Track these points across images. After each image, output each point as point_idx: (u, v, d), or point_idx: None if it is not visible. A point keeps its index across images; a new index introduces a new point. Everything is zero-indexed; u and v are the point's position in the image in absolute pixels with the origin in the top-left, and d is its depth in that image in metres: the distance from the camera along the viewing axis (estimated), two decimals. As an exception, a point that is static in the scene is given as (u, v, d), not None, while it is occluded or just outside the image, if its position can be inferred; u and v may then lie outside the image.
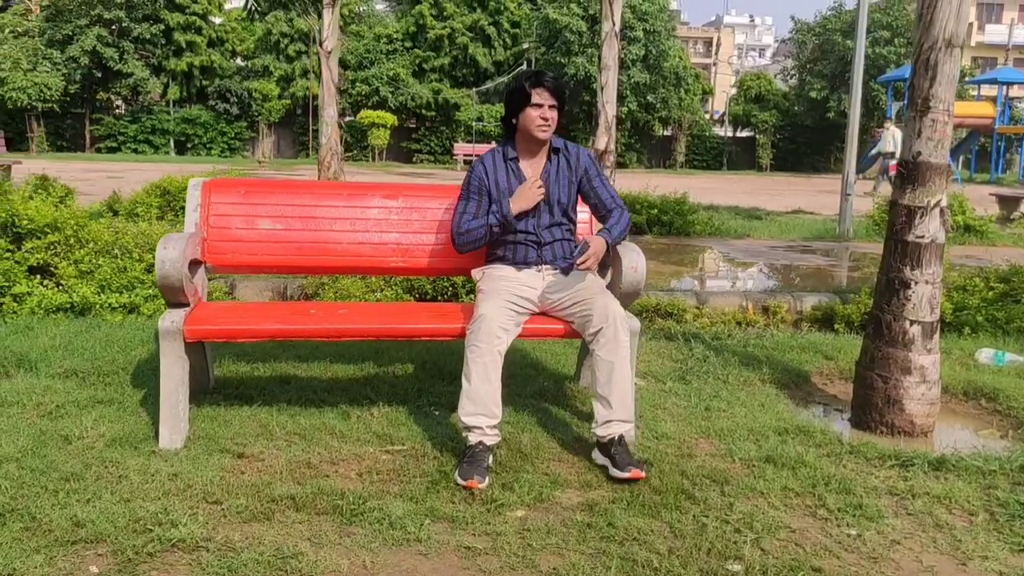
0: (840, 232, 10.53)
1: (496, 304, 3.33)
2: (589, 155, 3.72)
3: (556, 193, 3.61)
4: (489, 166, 3.58)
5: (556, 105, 3.51)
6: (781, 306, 6.22)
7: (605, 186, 3.68)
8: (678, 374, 4.59)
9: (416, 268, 3.89)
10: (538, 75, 3.52)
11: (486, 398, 3.25)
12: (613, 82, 11.47)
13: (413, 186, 4.01)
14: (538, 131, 3.50)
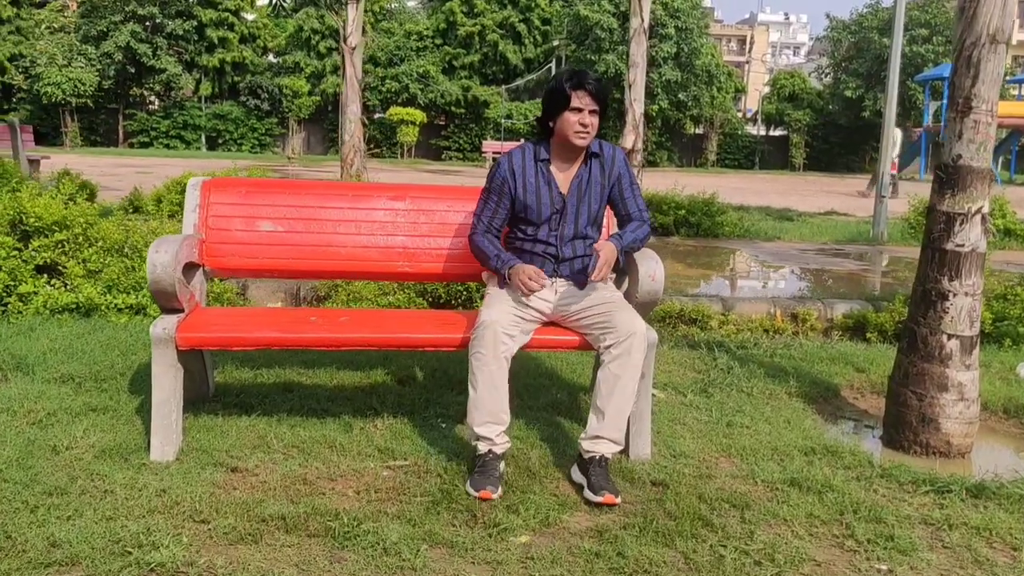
0: (874, 235, 10.22)
1: (501, 309, 3.16)
2: (624, 158, 3.49)
3: (585, 203, 3.39)
4: (517, 165, 3.35)
5: (597, 110, 3.25)
6: (811, 313, 5.98)
7: (635, 196, 3.48)
8: (700, 386, 4.37)
9: (424, 273, 3.72)
10: (579, 76, 3.25)
11: (494, 406, 3.12)
12: (641, 80, 11.24)
13: (421, 187, 3.84)
14: (576, 138, 3.26)
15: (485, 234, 3.37)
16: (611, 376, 3.12)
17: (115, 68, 34.04)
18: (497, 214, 3.37)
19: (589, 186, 3.39)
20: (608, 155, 3.43)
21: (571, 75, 3.29)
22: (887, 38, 36.20)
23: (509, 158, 3.38)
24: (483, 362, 3.09)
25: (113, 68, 33.96)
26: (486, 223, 3.37)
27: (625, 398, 3.13)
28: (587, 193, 3.39)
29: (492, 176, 3.37)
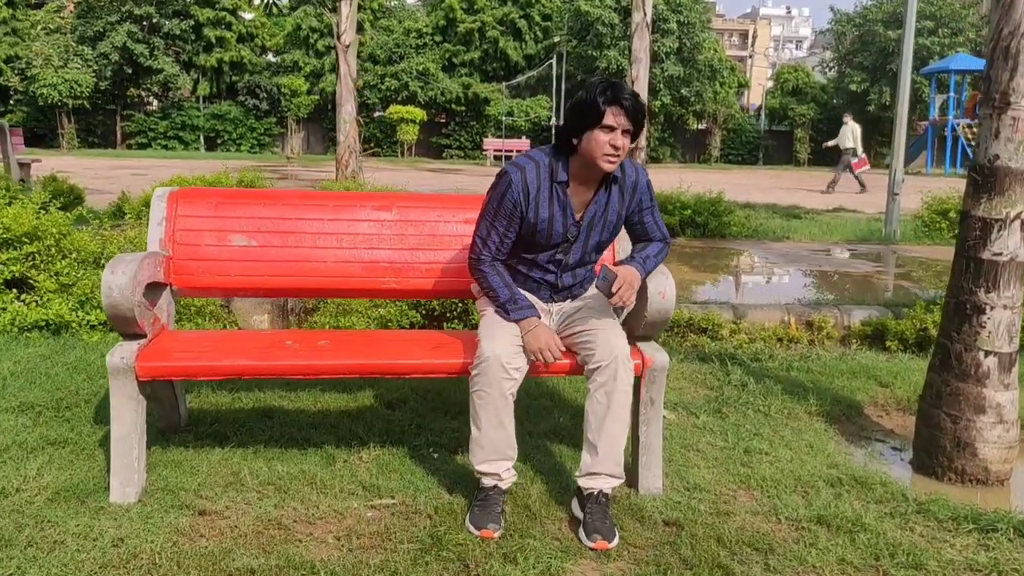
0: (886, 234, 9.90)
1: (503, 340, 2.84)
2: (648, 182, 3.11)
3: (597, 232, 3.05)
4: (532, 183, 2.91)
5: (631, 130, 2.83)
6: (827, 321, 5.66)
7: (656, 219, 3.15)
8: (713, 406, 4.06)
9: (412, 290, 3.41)
10: (615, 89, 2.79)
11: (500, 444, 2.85)
12: (644, 75, 10.93)
13: (408, 195, 3.54)
14: (604, 161, 2.83)
15: (493, 263, 3.00)
16: (598, 406, 2.84)
17: (112, 69, 33.73)
18: (505, 241, 2.98)
19: (605, 214, 3.02)
20: (631, 180, 3.04)
21: (606, 87, 2.80)
22: (892, 31, 35.83)
23: (522, 175, 2.92)
24: (487, 400, 2.80)
25: (110, 69, 33.65)
26: (493, 250, 2.99)
27: (617, 429, 2.83)
28: (601, 220, 3.04)
29: (503, 197, 2.92)
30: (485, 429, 2.82)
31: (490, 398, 2.79)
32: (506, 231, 2.94)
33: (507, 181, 2.92)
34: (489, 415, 2.80)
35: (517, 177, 2.91)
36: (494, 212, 2.94)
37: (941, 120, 29.96)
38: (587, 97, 2.82)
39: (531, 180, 2.91)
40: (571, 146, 2.90)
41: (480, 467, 2.85)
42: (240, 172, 9.50)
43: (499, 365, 2.76)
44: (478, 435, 2.84)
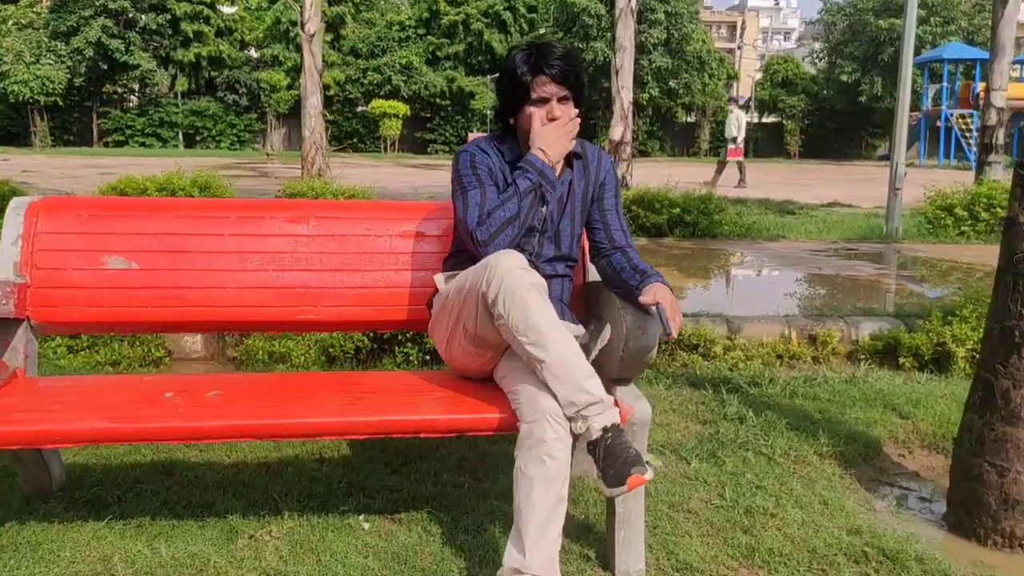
0: (888, 231, 9.29)
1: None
2: (612, 164, 2.65)
3: (569, 217, 2.54)
4: (495, 164, 2.48)
5: (569, 95, 2.43)
6: (832, 335, 5.04)
7: (621, 222, 2.62)
8: (707, 447, 3.43)
9: (336, 321, 2.77)
10: (538, 55, 2.40)
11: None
12: (629, 65, 10.30)
13: (331, 203, 2.90)
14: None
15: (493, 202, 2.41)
16: (523, 477, 2.16)
17: (86, 65, 32.91)
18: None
19: (571, 195, 2.54)
20: (592, 155, 2.60)
21: (527, 55, 2.40)
22: (883, 20, 35.31)
23: (479, 150, 2.50)
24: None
25: (84, 65, 32.83)
26: (493, 202, 2.40)
27: (544, 515, 2.12)
28: (569, 204, 2.54)
29: (473, 164, 2.45)
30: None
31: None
32: (491, 193, 2.41)
33: (469, 152, 2.50)
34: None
35: (477, 151, 2.50)
36: (471, 177, 2.43)
37: (934, 111, 29.45)
38: (508, 72, 2.44)
39: (492, 160, 2.49)
40: (511, 127, 2.50)
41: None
42: (195, 171, 8.80)
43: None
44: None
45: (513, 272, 2.19)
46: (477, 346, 2.39)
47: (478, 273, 2.27)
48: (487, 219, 2.34)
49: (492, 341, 2.30)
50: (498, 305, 2.19)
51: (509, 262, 2.21)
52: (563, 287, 2.59)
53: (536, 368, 2.18)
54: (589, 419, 2.18)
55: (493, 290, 2.20)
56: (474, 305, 2.29)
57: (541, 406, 2.17)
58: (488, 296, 2.21)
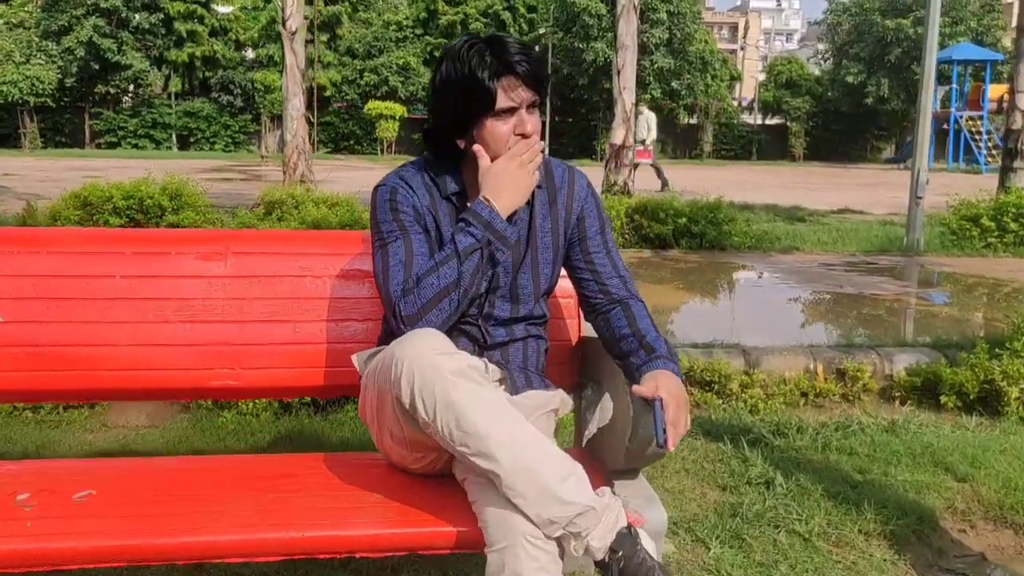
0: (909, 243, 8.69)
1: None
2: (590, 187, 1.99)
3: (529, 266, 1.91)
4: (423, 199, 1.85)
5: (538, 101, 1.81)
6: (863, 369, 4.43)
7: (613, 255, 1.97)
8: (728, 524, 2.83)
9: (262, 388, 2.17)
10: (498, 50, 1.74)
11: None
12: (631, 64, 9.71)
13: (255, 234, 2.31)
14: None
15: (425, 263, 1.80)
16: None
17: (78, 65, 32.31)
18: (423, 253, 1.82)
19: (532, 236, 1.89)
20: (560, 178, 1.94)
21: (482, 53, 1.74)
22: (890, 20, 34.70)
23: (403, 184, 1.86)
24: None
25: (76, 65, 32.23)
26: (424, 259, 1.80)
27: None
28: (530, 252, 1.89)
29: (393, 206, 1.83)
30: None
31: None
32: (421, 246, 1.81)
33: (387, 188, 1.87)
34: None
35: (399, 185, 1.87)
36: (395, 227, 1.82)
37: (943, 113, 28.83)
38: (458, 74, 1.74)
39: (420, 195, 1.86)
40: (455, 150, 1.82)
41: None
42: (166, 176, 8.21)
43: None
44: None
45: (426, 361, 1.59)
46: (414, 450, 1.79)
47: (384, 365, 1.68)
48: (415, 288, 1.74)
49: (430, 443, 1.70)
50: (418, 409, 1.60)
51: (417, 348, 1.62)
52: (527, 352, 1.95)
53: (494, 481, 1.58)
54: (585, 536, 1.58)
55: (406, 391, 1.61)
56: (391, 409, 1.70)
57: (513, 527, 1.56)
58: (402, 399, 1.63)
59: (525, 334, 1.93)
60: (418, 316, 1.71)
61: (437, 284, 1.72)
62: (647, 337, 1.82)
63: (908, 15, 34.13)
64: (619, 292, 1.93)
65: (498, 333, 1.89)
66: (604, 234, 1.95)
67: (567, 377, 2.20)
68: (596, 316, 1.95)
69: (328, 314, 2.16)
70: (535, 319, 1.95)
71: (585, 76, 34.26)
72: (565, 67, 34.54)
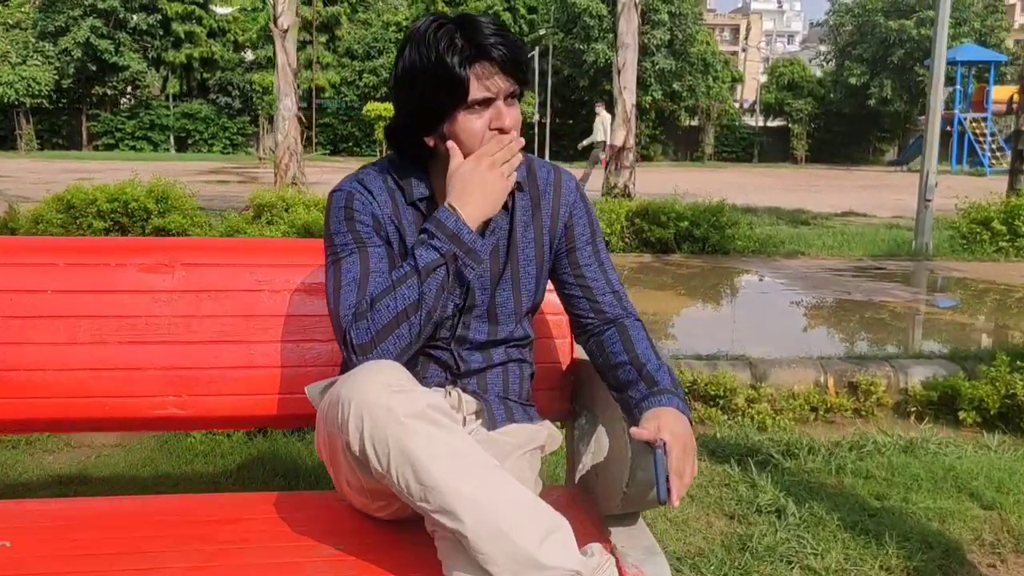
0: (917, 247, 8.44)
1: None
2: (578, 189, 1.72)
3: (508, 280, 1.65)
4: (384, 205, 1.58)
5: (517, 91, 1.55)
6: (877, 383, 4.19)
7: (605, 266, 1.71)
8: (737, 562, 2.58)
9: (213, 417, 1.93)
10: (470, 32, 1.48)
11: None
12: (632, 63, 9.47)
13: (209, 244, 2.06)
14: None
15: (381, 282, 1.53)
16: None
17: (75, 66, 32.06)
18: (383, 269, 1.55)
19: (512, 247, 1.63)
20: (544, 180, 1.68)
21: (451, 35, 1.47)
22: (893, 20, 34.44)
23: (361, 189, 1.59)
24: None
25: (73, 66, 31.98)
26: (381, 276, 1.53)
27: None
28: (510, 263, 1.63)
29: (348, 214, 1.57)
30: None
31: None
32: (379, 261, 1.54)
33: (343, 193, 1.60)
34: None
35: (356, 190, 1.59)
36: (350, 240, 1.56)
37: (946, 115, 28.58)
38: (424, 61, 1.47)
39: (382, 200, 1.59)
40: (423, 149, 1.56)
41: None
42: (152, 178, 7.97)
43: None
44: None
45: (377, 402, 1.34)
46: (375, 498, 1.55)
47: (332, 405, 1.43)
48: (369, 311, 1.48)
49: (391, 492, 1.44)
50: (370, 459, 1.36)
51: (367, 386, 1.37)
52: (508, 379, 1.69)
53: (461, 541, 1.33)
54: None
55: (354, 437, 1.36)
56: (343, 456, 1.46)
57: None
58: (352, 447, 1.38)
59: (505, 358, 1.68)
60: (372, 345, 1.47)
61: (394, 307, 1.47)
62: (647, 366, 1.56)
63: (911, 16, 33.89)
64: (613, 311, 1.67)
65: (474, 359, 1.64)
66: (595, 244, 1.70)
67: (557, 404, 1.96)
68: (588, 339, 1.70)
69: (288, 334, 1.92)
70: (517, 341, 1.69)
71: (586, 77, 34.01)
72: (566, 68, 34.31)
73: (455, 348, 1.62)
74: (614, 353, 1.61)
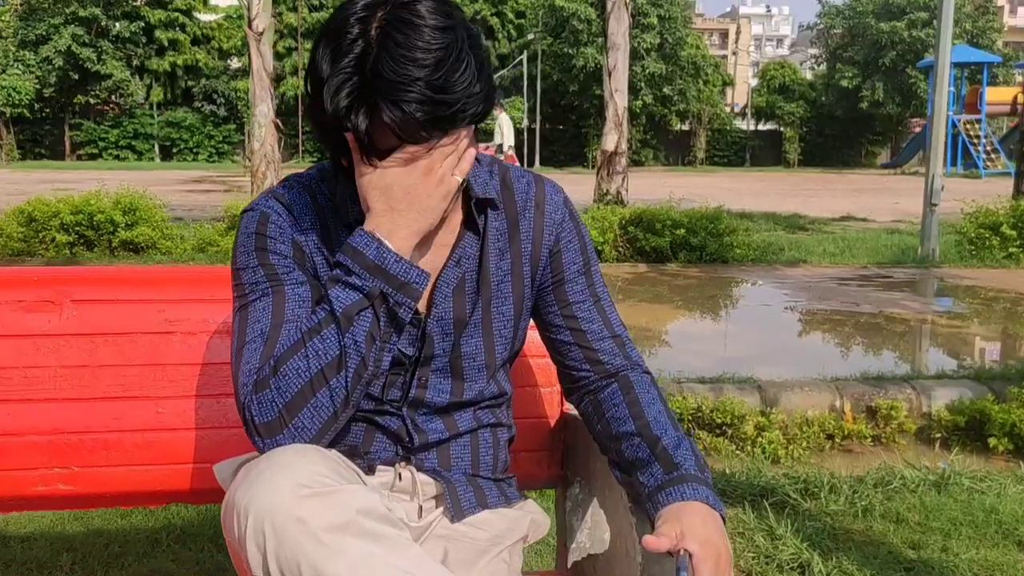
0: (924, 253, 8.09)
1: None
2: (568, 207, 1.33)
3: (477, 328, 1.26)
4: (308, 228, 1.21)
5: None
6: (898, 407, 3.83)
7: (603, 308, 1.32)
8: (759, 636, 2.20)
9: (105, 493, 1.54)
10: (390, 71, 1.03)
11: None
12: (623, 65, 9.11)
13: (103, 273, 1.67)
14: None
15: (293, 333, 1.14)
16: None
17: (56, 75, 31.57)
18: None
19: (483, 282, 1.25)
20: (524, 195, 1.30)
21: (335, 44, 1.06)
22: (884, 23, 34.21)
23: (279, 208, 1.21)
24: None
25: (54, 75, 31.49)
26: (294, 327, 1.14)
27: None
28: (481, 297, 1.25)
29: (260, 243, 1.19)
30: None
31: None
32: (299, 306, 1.15)
33: (256, 213, 1.23)
34: None
35: (273, 209, 1.22)
36: (262, 278, 1.18)
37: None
38: (320, 105, 1.08)
39: (301, 223, 1.22)
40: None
41: None
42: (119, 190, 7.58)
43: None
44: None
45: (284, 515, 0.96)
46: None
47: (228, 512, 1.04)
48: (272, 377, 1.10)
49: None
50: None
51: (270, 492, 0.98)
52: (478, 451, 1.30)
53: None
54: None
55: (256, 560, 0.97)
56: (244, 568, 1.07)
57: None
58: (253, 571, 0.98)
59: (475, 424, 1.29)
60: (280, 424, 1.08)
61: (306, 369, 1.08)
62: (663, 439, 1.18)
63: (903, 18, 33.67)
64: (614, 361, 1.29)
65: (433, 427, 1.26)
66: (590, 274, 1.31)
67: (544, 471, 1.58)
68: (581, 397, 1.32)
69: (205, 387, 1.53)
70: (490, 401, 1.31)
71: (575, 82, 33.71)
72: (555, 73, 34.00)
73: (408, 414, 1.24)
74: (617, 420, 1.23)
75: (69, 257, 6.98)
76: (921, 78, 31.23)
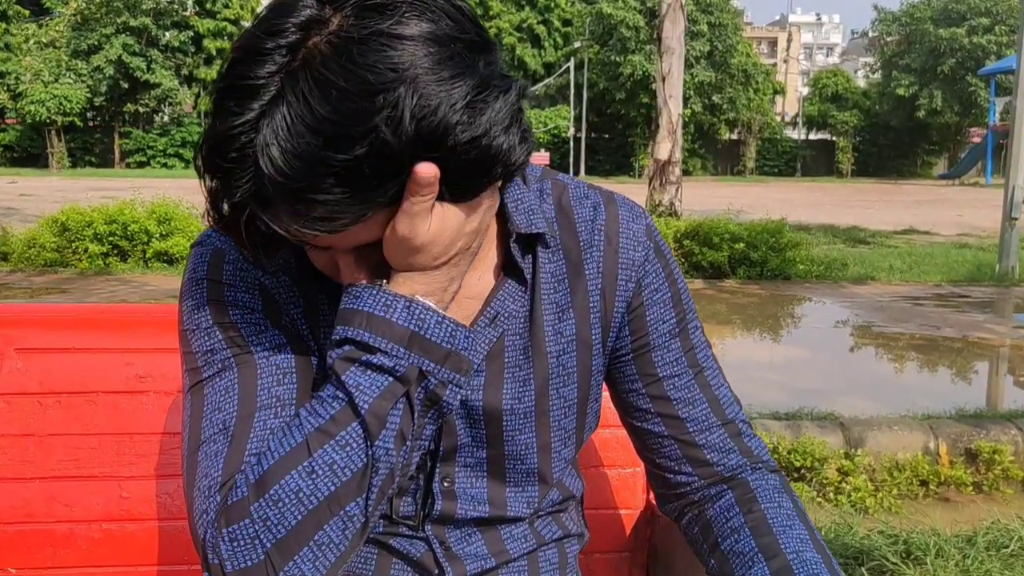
0: (1003, 271, 7.55)
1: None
2: (655, 239, 0.91)
3: (530, 416, 0.85)
4: (281, 272, 0.81)
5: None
6: (1002, 451, 3.38)
7: (701, 366, 0.90)
8: None
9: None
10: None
11: None
12: (678, 70, 8.70)
13: (58, 313, 1.31)
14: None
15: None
16: None
17: (107, 84, 32.01)
18: (284, 408, 0.76)
19: (536, 347, 0.84)
20: (588, 226, 0.88)
21: (211, 144, 0.71)
22: (943, 29, 33.30)
23: (232, 246, 0.81)
24: None
25: (105, 84, 31.93)
26: (271, 415, 0.76)
27: None
28: (535, 377, 0.84)
29: (216, 297, 0.80)
30: None
31: None
32: (277, 383, 0.77)
33: (206, 258, 0.82)
34: None
35: (225, 245, 0.82)
36: (219, 344, 0.79)
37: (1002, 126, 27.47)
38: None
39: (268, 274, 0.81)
40: None
41: None
42: (154, 199, 7.37)
43: None
44: None
45: None
46: None
47: None
48: (256, 500, 0.70)
49: None
50: None
51: None
52: (538, 574, 0.93)
53: None
54: None
55: None
56: None
57: None
58: None
59: (533, 543, 0.92)
60: (264, 573, 0.70)
61: (312, 491, 0.70)
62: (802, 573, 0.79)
63: (962, 24, 32.72)
64: (727, 460, 0.90)
65: (473, 552, 0.88)
66: (687, 335, 0.91)
67: None
68: (682, 511, 0.92)
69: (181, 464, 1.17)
70: (553, 508, 0.93)
71: (622, 90, 33.30)
72: (601, 81, 33.60)
73: (434, 533, 0.86)
74: (738, 554, 0.83)
75: (102, 268, 6.77)
76: (982, 86, 30.28)
